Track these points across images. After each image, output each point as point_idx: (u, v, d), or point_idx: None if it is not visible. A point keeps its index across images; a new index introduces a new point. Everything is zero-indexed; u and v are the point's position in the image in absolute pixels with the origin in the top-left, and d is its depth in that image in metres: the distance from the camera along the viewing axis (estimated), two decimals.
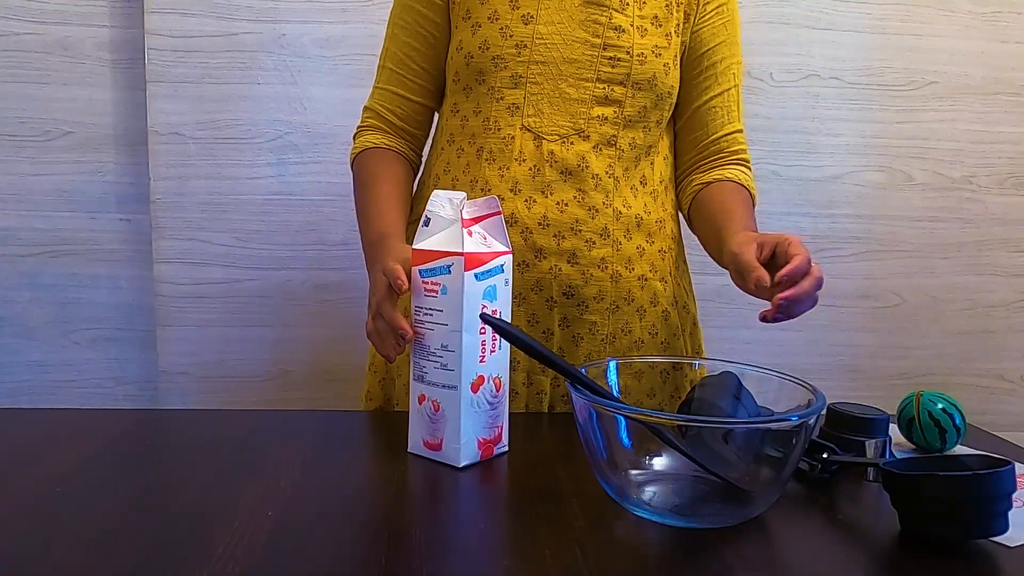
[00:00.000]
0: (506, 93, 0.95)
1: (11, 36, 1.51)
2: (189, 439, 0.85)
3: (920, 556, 0.62)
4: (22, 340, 1.60)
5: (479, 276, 0.75)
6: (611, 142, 0.96)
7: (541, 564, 0.58)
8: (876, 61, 1.66)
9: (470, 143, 0.98)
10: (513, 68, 0.95)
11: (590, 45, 0.95)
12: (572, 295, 0.95)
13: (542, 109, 0.95)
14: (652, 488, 0.70)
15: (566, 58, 0.95)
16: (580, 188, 0.95)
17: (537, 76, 0.95)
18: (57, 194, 1.57)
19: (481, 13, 0.96)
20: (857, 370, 1.74)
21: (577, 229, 0.95)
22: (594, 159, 0.96)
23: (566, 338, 0.97)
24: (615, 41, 0.95)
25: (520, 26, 0.94)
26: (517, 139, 0.95)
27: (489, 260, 0.76)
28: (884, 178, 1.70)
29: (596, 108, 0.95)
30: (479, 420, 0.78)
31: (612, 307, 0.97)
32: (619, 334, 0.98)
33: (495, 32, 0.95)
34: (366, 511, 0.67)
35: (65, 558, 0.57)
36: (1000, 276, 1.76)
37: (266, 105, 1.54)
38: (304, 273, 1.58)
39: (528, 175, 0.95)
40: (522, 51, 0.94)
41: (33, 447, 0.80)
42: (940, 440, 0.84)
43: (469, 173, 0.97)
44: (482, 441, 0.78)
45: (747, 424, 0.70)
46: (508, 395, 0.81)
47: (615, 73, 0.95)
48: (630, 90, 0.96)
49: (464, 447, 0.76)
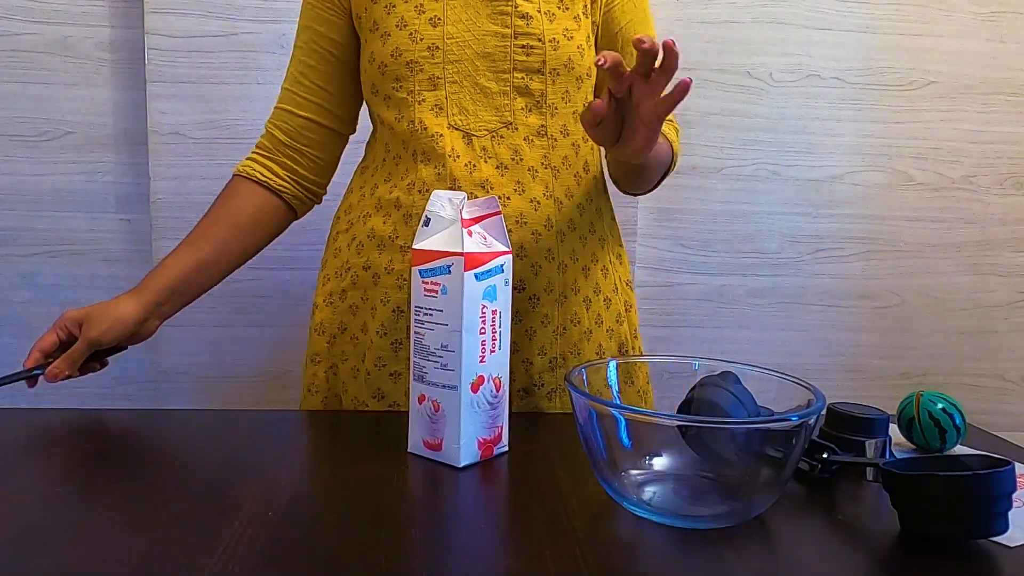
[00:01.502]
0: (427, 96, 0.95)
1: (11, 36, 1.51)
2: (189, 439, 0.85)
3: (920, 556, 0.62)
4: (22, 340, 1.59)
5: (479, 276, 0.75)
6: (541, 132, 0.97)
7: (541, 564, 0.58)
8: (876, 61, 1.66)
9: (404, 148, 0.97)
10: (429, 70, 0.95)
11: (501, 36, 0.95)
12: (523, 288, 0.96)
13: (466, 107, 0.95)
14: (652, 488, 0.70)
15: (479, 53, 0.95)
16: (518, 180, 0.95)
17: (454, 75, 0.95)
18: (57, 194, 1.57)
19: (388, 22, 0.95)
20: (857, 370, 1.75)
21: (522, 222, 0.95)
22: (527, 150, 0.96)
23: (519, 332, 0.97)
24: (525, 29, 0.95)
25: (429, 29, 0.94)
26: (447, 137, 0.95)
27: (489, 260, 0.76)
28: (884, 178, 1.70)
29: (519, 99, 0.96)
30: (479, 420, 0.78)
31: (560, 298, 0.98)
32: (569, 325, 0.99)
33: (405, 38, 0.94)
34: (366, 511, 0.67)
35: (65, 558, 0.57)
36: (1000, 276, 1.76)
37: (266, 105, 1.51)
38: (304, 273, 1.58)
39: (465, 171, 0.95)
40: (435, 53, 0.94)
41: (33, 447, 0.80)
42: (940, 440, 0.84)
43: (407, 176, 0.97)
44: (482, 441, 0.78)
45: (747, 424, 0.70)
46: (508, 395, 0.81)
47: (531, 62, 0.95)
48: (548, 77, 0.96)
49: (464, 447, 0.77)
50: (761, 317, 1.71)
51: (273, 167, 1.04)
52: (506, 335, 0.80)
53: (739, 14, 1.62)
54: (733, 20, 1.62)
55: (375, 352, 0.97)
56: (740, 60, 1.63)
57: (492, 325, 0.77)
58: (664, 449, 0.71)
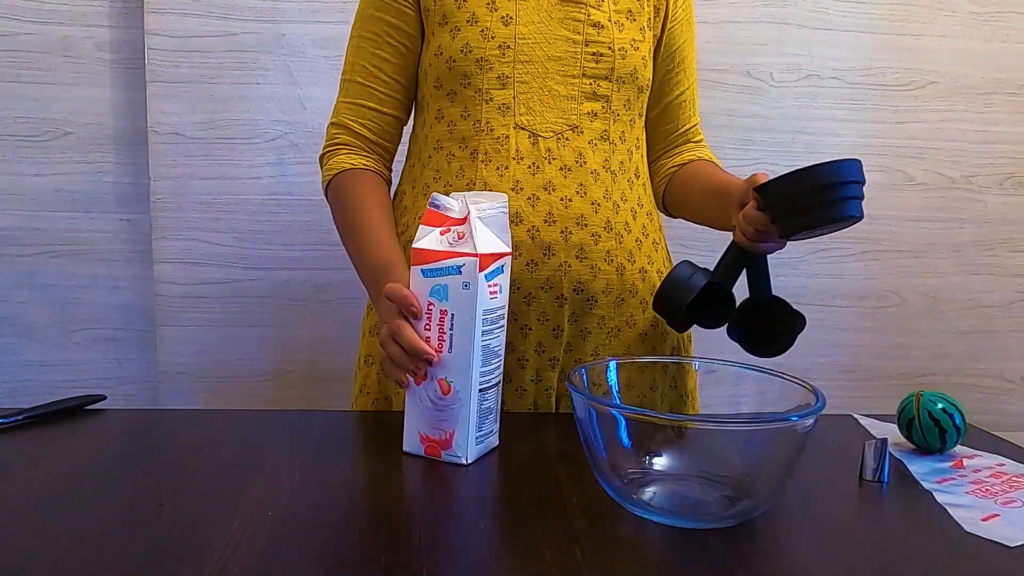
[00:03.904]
0: (495, 94, 0.95)
1: (11, 36, 1.51)
2: (189, 439, 0.85)
3: (920, 556, 0.62)
4: (22, 340, 1.60)
5: (425, 272, 0.77)
6: (604, 136, 0.98)
7: (541, 564, 0.58)
8: (876, 61, 1.66)
9: (461, 147, 0.97)
10: (499, 69, 0.95)
11: (572, 42, 0.96)
12: (582, 291, 0.96)
13: (533, 107, 0.96)
14: (652, 488, 0.70)
15: (550, 56, 0.96)
16: (581, 183, 0.96)
17: (524, 75, 0.95)
18: (57, 194, 1.57)
19: (459, 17, 0.95)
20: (857, 370, 1.75)
21: (583, 223, 0.95)
22: (591, 154, 0.97)
23: (574, 332, 0.98)
24: (596, 37, 0.96)
25: (501, 27, 0.95)
26: (512, 138, 0.95)
27: (442, 259, 0.77)
28: (884, 178, 1.70)
29: (586, 104, 0.97)
30: (421, 414, 0.80)
31: (618, 300, 0.98)
32: (624, 327, 0.99)
33: (476, 34, 0.95)
34: (366, 511, 0.67)
35: (65, 558, 0.57)
36: (1000, 276, 1.76)
37: (266, 105, 1.54)
38: (304, 273, 1.58)
39: (528, 173, 0.95)
40: (506, 52, 0.95)
41: (34, 447, 0.80)
42: (940, 440, 0.84)
43: (464, 177, 0.96)
44: (424, 437, 0.80)
45: (747, 424, 0.70)
46: (470, 405, 0.78)
47: (600, 68, 0.97)
48: (615, 84, 0.98)
49: (408, 433, 0.81)
50: None
51: (374, 162, 1.02)
52: (464, 341, 0.77)
53: (739, 14, 1.62)
54: (733, 20, 1.62)
55: None
56: (740, 60, 1.63)
57: (440, 324, 0.77)
58: (664, 449, 0.71)
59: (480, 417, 0.79)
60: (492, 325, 0.78)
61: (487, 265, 0.76)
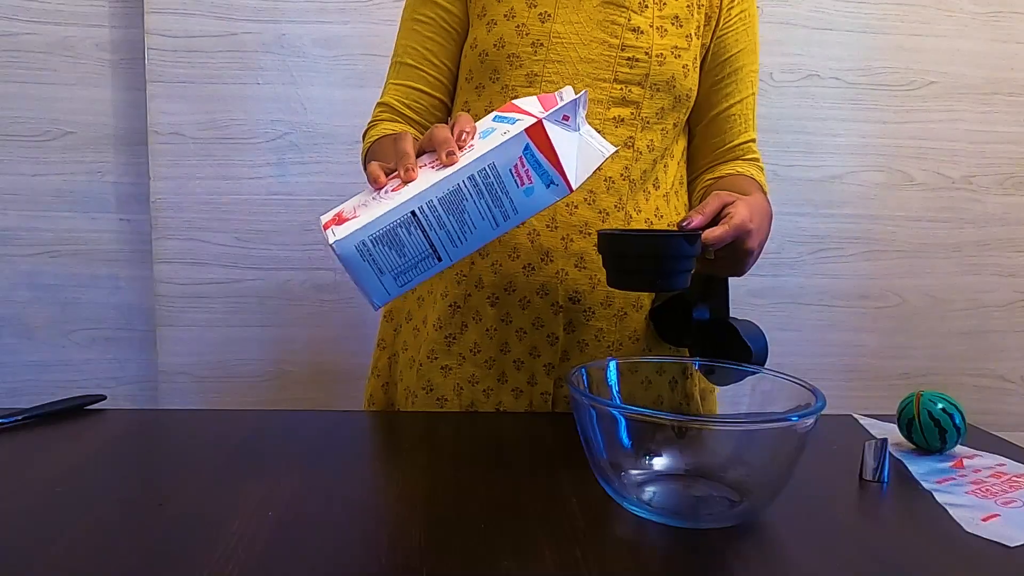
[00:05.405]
0: (520, 92, 0.93)
1: (11, 36, 1.51)
2: (189, 439, 0.85)
3: (920, 556, 0.62)
4: (22, 340, 1.60)
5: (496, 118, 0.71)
6: (628, 144, 0.95)
7: (541, 564, 0.58)
8: (876, 61, 1.66)
9: None
10: (529, 67, 0.93)
11: (608, 46, 0.93)
12: (578, 300, 0.94)
13: None
14: (652, 488, 0.70)
15: (583, 58, 0.93)
16: (591, 190, 0.93)
17: (553, 75, 0.93)
18: (57, 194, 1.57)
19: (497, 10, 0.94)
20: (857, 370, 1.75)
21: (586, 232, 0.93)
22: (609, 161, 0.94)
23: (571, 343, 0.96)
24: (633, 42, 0.93)
25: (537, 24, 0.93)
26: None
27: (511, 111, 0.71)
28: (884, 178, 1.70)
29: (613, 109, 0.94)
30: (358, 199, 0.71)
31: (620, 313, 0.96)
32: (626, 341, 0.97)
33: (511, 30, 0.93)
34: (366, 511, 0.67)
35: (65, 558, 0.57)
36: (1000, 276, 1.76)
37: (266, 105, 1.54)
38: (304, 273, 1.58)
39: None
40: (538, 50, 0.93)
41: (34, 447, 0.80)
42: (940, 440, 0.84)
43: None
44: (338, 214, 0.70)
45: (747, 424, 0.70)
46: (394, 212, 0.66)
47: (633, 74, 0.93)
48: (648, 91, 0.94)
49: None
50: (761, 317, 1.69)
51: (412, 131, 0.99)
52: (453, 169, 0.67)
53: None
54: None
55: (429, 344, 0.98)
56: None
57: (462, 142, 0.69)
58: (664, 449, 0.71)
59: (388, 233, 0.66)
60: (486, 196, 0.68)
61: (539, 144, 0.68)
